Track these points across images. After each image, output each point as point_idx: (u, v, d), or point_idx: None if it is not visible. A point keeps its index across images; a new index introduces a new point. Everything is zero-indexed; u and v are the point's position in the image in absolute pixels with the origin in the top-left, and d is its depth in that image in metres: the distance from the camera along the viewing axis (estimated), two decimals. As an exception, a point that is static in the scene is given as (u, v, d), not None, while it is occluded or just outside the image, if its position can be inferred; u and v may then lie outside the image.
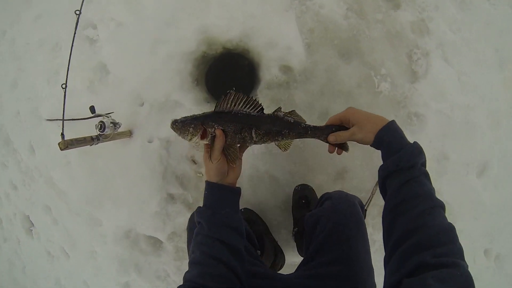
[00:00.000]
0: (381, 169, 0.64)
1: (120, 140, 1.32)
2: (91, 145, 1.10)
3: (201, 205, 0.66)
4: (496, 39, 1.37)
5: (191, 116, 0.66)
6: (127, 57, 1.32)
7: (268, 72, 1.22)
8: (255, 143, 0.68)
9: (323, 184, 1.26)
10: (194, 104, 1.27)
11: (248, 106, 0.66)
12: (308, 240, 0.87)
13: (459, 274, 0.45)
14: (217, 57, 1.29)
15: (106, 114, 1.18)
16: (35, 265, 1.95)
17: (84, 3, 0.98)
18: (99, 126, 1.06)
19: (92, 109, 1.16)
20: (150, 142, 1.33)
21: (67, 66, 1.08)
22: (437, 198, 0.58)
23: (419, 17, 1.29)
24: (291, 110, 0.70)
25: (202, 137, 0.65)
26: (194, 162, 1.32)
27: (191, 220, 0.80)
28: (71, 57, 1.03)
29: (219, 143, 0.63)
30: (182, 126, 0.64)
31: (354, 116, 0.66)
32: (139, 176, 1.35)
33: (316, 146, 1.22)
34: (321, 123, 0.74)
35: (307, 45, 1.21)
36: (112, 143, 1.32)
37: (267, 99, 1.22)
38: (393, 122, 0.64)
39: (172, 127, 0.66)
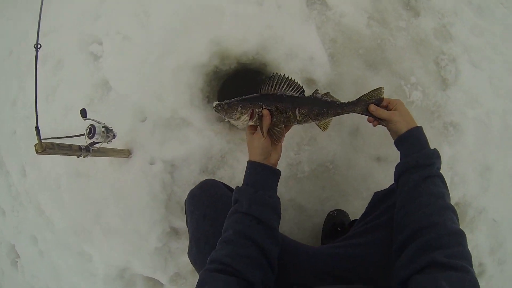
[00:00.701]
0: (399, 165, 0.67)
1: (117, 159, 1.15)
2: (78, 157, 0.89)
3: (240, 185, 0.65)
4: (519, 40, 1.33)
5: (235, 98, 0.69)
6: (132, 70, 1.18)
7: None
8: (299, 122, 0.72)
9: (357, 211, 1.11)
10: (204, 123, 1.12)
11: (290, 89, 0.70)
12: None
13: (468, 278, 0.45)
14: (231, 73, 1.17)
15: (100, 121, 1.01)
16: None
17: (92, 19, 0.85)
18: (88, 130, 0.86)
19: (83, 112, 0.93)
20: (151, 164, 1.15)
21: (64, 82, 0.92)
22: (449, 202, 0.59)
23: (440, 23, 1.24)
24: (326, 92, 0.76)
25: (251, 117, 0.67)
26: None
27: (191, 202, 0.74)
28: (71, 74, 0.91)
29: (266, 122, 0.66)
30: (228, 107, 0.67)
31: (401, 106, 0.74)
32: (137, 204, 1.16)
33: (348, 167, 1.09)
34: (353, 140, 0.86)
35: (331, 55, 1.12)
36: (107, 164, 1.18)
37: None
38: (422, 127, 0.71)
39: (217, 109, 0.68)
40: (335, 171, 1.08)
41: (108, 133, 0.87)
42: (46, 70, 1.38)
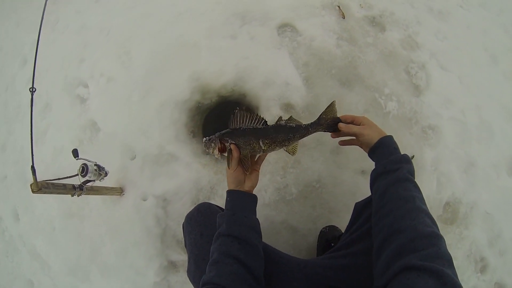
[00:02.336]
0: (371, 173, 0.69)
1: (110, 198, 1.18)
2: (72, 195, 0.93)
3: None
4: (481, 38, 1.41)
5: (216, 134, 0.77)
6: (118, 109, 1.24)
7: (269, 113, 1.15)
8: (264, 151, 0.75)
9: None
10: (191, 156, 1.17)
11: (253, 122, 0.76)
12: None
13: (444, 282, 0.43)
14: (212, 107, 1.23)
15: (91, 160, 1.05)
16: None
17: (76, 62, 0.91)
18: (81, 169, 0.90)
19: (75, 152, 0.98)
20: (144, 200, 1.18)
21: (53, 124, 1.02)
22: (422, 205, 0.57)
23: (405, 34, 1.31)
24: (289, 116, 0.79)
25: (221, 150, 0.75)
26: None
27: (189, 223, 0.78)
28: (60, 117, 0.99)
29: (234, 155, 0.73)
30: (208, 142, 0.76)
31: (367, 120, 0.76)
32: (132, 240, 1.17)
33: (334, 184, 1.12)
34: (336, 158, 0.97)
35: (305, 79, 1.18)
36: (101, 203, 1.21)
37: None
38: (391, 136, 0.73)
39: (204, 144, 0.77)
40: (322, 189, 1.11)
41: (101, 171, 0.91)
42: (34, 114, 1.42)
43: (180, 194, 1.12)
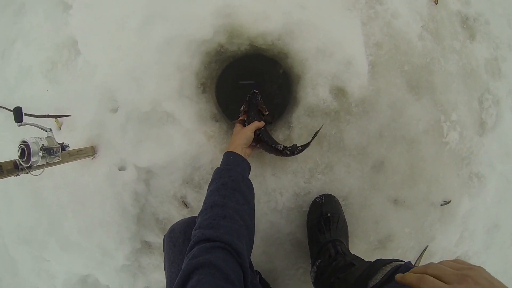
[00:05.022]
0: None
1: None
2: (16, 176, 0.63)
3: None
4: None
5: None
6: (106, 35, 0.86)
7: (313, 92, 0.84)
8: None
9: (361, 254, 0.93)
10: (195, 121, 0.84)
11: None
12: None
13: None
14: (238, 56, 0.87)
15: (55, 117, 0.72)
16: None
17: None
18: (19, 150, 0.58)
19: (17, 112, 0.64)
20: (122, 170, 0.88)
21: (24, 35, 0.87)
22: None
23: (493, 55, 1.05)
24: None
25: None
26: (185, 205, 0.88)
27: (175, 231, 0.64)
28: (35, 24, 0.85)
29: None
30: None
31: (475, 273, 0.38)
32: (100, 218, 0.91)
33: (361, 206, 0.89)
34: (374, 176, 0.83)
35: (372, 64, 0.87)
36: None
37: (305, 131, 0.84)
38: None
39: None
40: (346, 208, 0.87)
41: (51, 152, 0.56)
42: (5, 16, 1.05)
43: (170, 169, 0.83)
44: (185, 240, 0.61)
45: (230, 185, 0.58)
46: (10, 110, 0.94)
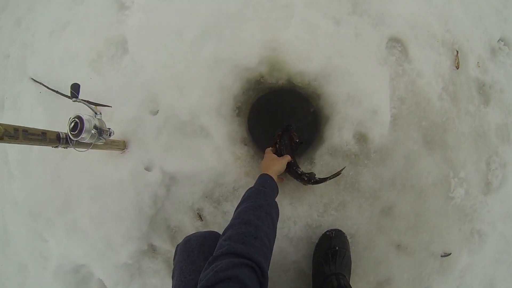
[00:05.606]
0: None
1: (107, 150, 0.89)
2: (55, 147, 0.67)
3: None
4: None
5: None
6: (159, 40, 0.92)
7: (339, 134, 0.91)
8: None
9: (358, 292, 0.97)
10: (226, 140, 0.90)
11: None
12: None
13: None
14: (274, 89, 0.95)
15: (96, 105, 0.76)
16: None
17: None
18: (72, 123, 0.61)
19: (75, 88, 0.68)
20: (147, 170, 0.92)
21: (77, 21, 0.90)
22: None
23: (504, 121, 1.13)
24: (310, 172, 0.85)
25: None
26: (200, 218, 0.93)
27: (191, 242, 0.66)
28: (88, 15, 0.90)
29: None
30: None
31: None
32: (115, 212, 0.94)
33: (366, 246, 0.94)
34: (381, 219, 0.87)
35: (394, 116, 0.94)
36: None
37: (326, 168, 0.91)
38: None
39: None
40: (352, 246, 0.92)
41: (101, 133, 0.60)
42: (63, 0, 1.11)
43: (194, 180, 0.87)
44: (200, 253, 0.62)
45: (266, 209, 0.60)
46: (54, 91, 0.98)
